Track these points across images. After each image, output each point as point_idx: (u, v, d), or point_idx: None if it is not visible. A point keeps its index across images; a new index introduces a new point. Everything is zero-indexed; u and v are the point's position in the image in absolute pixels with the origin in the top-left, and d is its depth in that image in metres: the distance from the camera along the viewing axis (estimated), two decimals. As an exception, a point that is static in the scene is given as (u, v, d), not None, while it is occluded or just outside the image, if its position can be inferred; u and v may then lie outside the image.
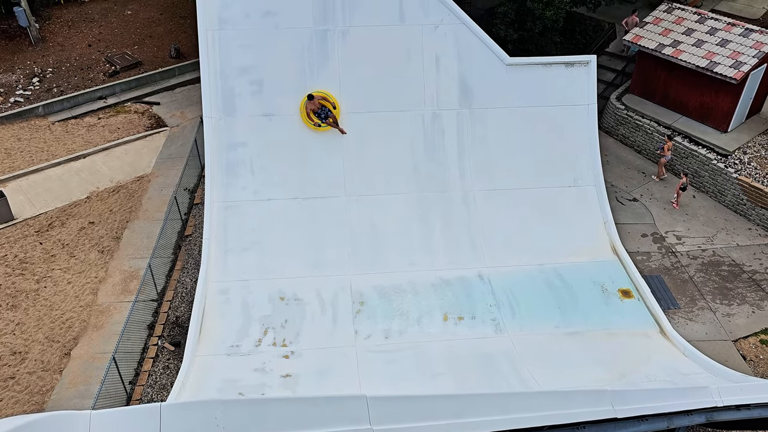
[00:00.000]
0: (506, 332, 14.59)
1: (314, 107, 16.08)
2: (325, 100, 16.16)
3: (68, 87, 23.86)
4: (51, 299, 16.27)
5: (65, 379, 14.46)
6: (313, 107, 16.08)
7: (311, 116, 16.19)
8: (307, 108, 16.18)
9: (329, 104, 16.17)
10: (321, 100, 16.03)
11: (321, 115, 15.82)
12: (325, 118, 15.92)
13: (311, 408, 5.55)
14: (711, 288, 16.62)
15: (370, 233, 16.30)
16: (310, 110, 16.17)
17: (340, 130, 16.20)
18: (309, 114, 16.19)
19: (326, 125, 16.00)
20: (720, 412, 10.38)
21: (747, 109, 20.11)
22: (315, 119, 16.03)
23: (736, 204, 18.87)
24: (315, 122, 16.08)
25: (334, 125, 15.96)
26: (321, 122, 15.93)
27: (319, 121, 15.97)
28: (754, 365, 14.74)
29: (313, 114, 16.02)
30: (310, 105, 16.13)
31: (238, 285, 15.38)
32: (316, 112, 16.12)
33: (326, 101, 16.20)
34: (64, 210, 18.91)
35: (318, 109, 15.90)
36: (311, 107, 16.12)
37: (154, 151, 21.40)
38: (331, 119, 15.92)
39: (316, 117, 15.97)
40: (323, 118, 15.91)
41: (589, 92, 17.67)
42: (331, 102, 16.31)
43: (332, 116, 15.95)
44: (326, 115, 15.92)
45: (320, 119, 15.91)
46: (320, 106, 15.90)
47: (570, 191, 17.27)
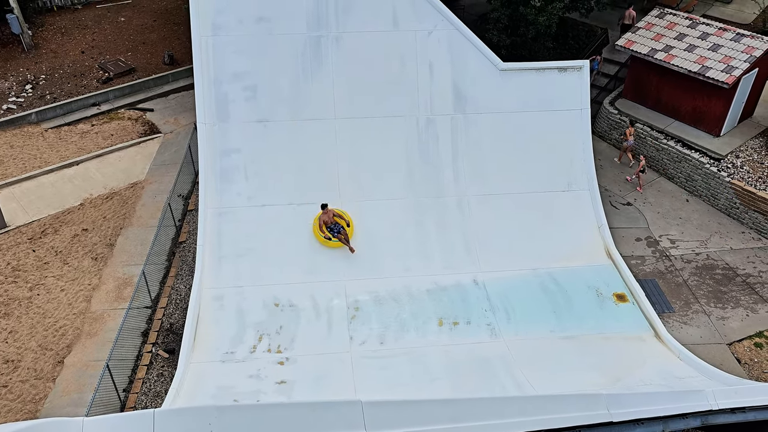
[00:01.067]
0: (501, 337, 14.58)
1: (327, 219, 15.55)
2: (339, 217, 15.75)
3: (61, 94, 23.80)
4: (44, 307, 16.17)
5: (58, 387, 14.34)
6: (327, 219, 15.55)
7: (323, 228, 15.64)
8: (320, 219, 15.67)
9: (343, 222, 15.75)
10: (336, 217, 15.59)
11: (333, 230, 15.34)
12: (337, 233, 15.50)
13: (306, 413, 5.52)
14: (705, 291, 16.66)
15: (364, 238, 16.28)
16: (323, 222, 15.63)
17: (350, 249, 15.68)
18: (321, 226, 15.65)
19: (336, 240, 15.56)
20: (715, 416, 10.40)
21: (739, 113, 20.23)
22: (326, 232, 15.53)
23: (729, 208, 18.95)
24: (325, 235, 15.57)
25: (345, 242, 15.58)
26: (332, 237, 15.52)
27: (330, 235, 15.54)
28: (748, 368, 14.77)
29: (326, 227, 15.54)
30: (324, 216, 15.62)
31: (233, 291, 15.33)
32: (329, 226, 15.58)
33: (341, 219, 15.78)
34: (57, 217, 18.82)
35: (331, 224, 15.46)
36: (324, 219, 15.59)
37: (147, 157, 21.35)
38: (343, 236, 15.51)
39: (328, 231, 15.49)
40: (334, 233, 15.50)
41: (583, 97, 17.75)
42: (346, 220, 15.87)
43: (344, 233, 15.55)
44: (338, 231, 15.52)
45: (331, 233, 15.46)
46: (334, 222, 15.45)
47: (564, 196, 17.32)
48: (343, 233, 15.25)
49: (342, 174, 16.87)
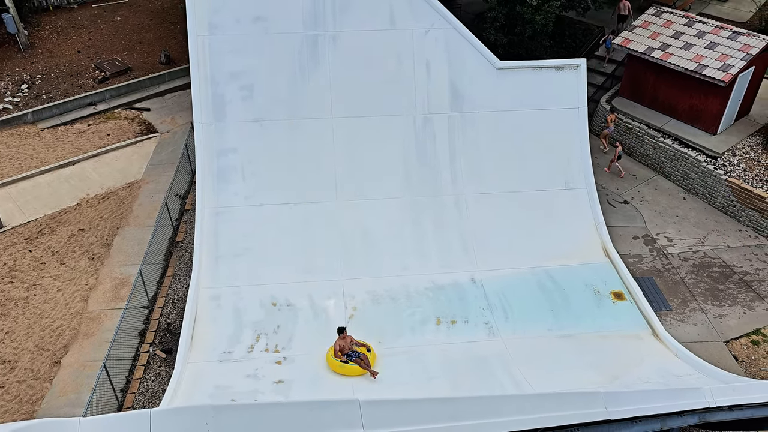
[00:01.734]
0: (499, 335, 14.59)
1: (345, 345, 13.53)
2: (361, 346, 13.78)
3: (57, 93, 23.74)
4: (41, 307, 16.13)
5: (55, 388, 14.31)
6: (343, 344, 13.53)
7: (338, 355, 13.54)
8: (336, 345, 13.59)
9: (363, 349, 13.70)
10: (355, 346, 13.60)
11: (351, 356, 13.35)
12: (356, 357, 13.43)
13: (303, 412, 5.51)
14: (702, 289, 16.68)
15: (362, 238, 16.27)
16: (339, 347, 13.55)
17: (372, 374, 13.37)
18: (336, 352, 13.55)
19: (353, 364, 13.38)
20: (713, 413, 10.41)
21: (736, 111, 20.25)
22: (342, 357, 13.47)
23: (726, 206, 18.98)
24: (341, 359, 13.46)
25: (365, 367, 13.39)
26: (348, 361, 13.42)
27: (346, 360, 13.44)
28: (745, 366, 14.79)
29: (338, 352, 13.52)
30: (339, 342, 13.59)
31: (230, 291, 15.31)
32: (348, 353, 13.53)
33: (361, 347, 13.78)
34: (53, 217, 18.77)
35: (349, 351, 13.47)
36: (341, 344, 13.55)
37: (144, 157, 21.30)
38: (363, 361, 13.41)
39: (345, 356, 13.46)
40: (352, 358, 13.43)
41: (579, 95, 17.76)
42: (366, 347, 13.86)
43: (364, 358, 13.44)
44: (357, 356, 13.45)
45: (349, 358, 13.41)
46: (352, 350, 13.46)
47: (561, 194, 17.32)
48: (363, 358, 13.41)
49: (339, 173, 16.86)
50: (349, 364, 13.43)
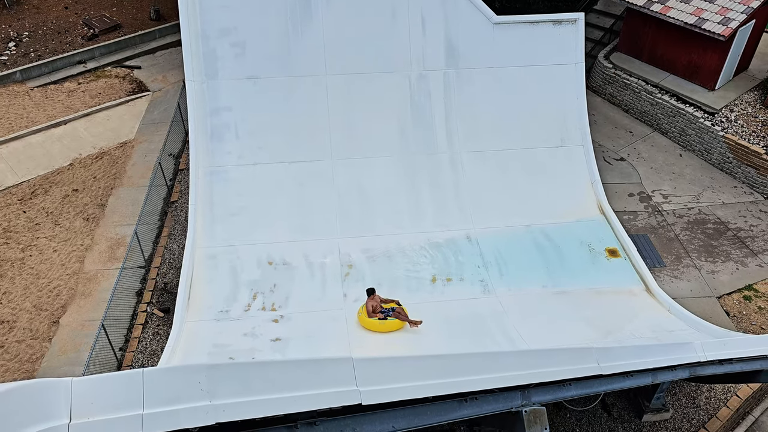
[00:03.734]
0: (494, 292, 14.69)
1: (376, 305, 13.55)
2: (390, 302, 13.77)
3: (46, 51, 23.28)
4: (37, 268, 16.16)
5: (55, 347, 14.45)
6: (375, 305, 13.55)
7: (372, 314, 13.53)
8: (368, 306, 13.58)
9: (393, 304, 13.70)
10: (384, 304, 13.61)
11: (387, 313, 13.38)
12: (392, 311, 13.47)
13: (297, 370, 5.57)
14: (696, 246, 16.77)
15: (357, 197, 16.22)
16: (371, 307, 13.55)
17: (414, 323, 13.39)
18: (370, 312, 13.54)
19: (392, 319, 13.36)
20: (703, 367, 10.59)
21: (734, 66, 20.01)
22: (378, 315, 13.46)
23: (722, 162, 18.93)
24: (379, 317, 13.44)
25: (405, 318, 13.41)
26: (387, 316, 13.41)
27: (384, 316, 13.43)
28: (737, 320, 14.99)
29: (373, 311, 13.52)
30: (370, 302, 13.60)
31: (226, 250, 15.32)
32: (382, 310, 13.55)
33: (390, 303, 13.75)
34: (46, 178, 18.64)
35: (379, 307, 13.53)
36: (372, 304, 13.56)
37: (136, 116, 21.04)
38: (397, 312, 13.47)
39: (381, 313, 13.47)
40: (388, 315, 13.45)
41: (577, 51, 17.48)
42: (395, 301, 13.83)
43: (398, 310, 13.49)
44: (392, 310, 13.49)
45: (380, 315, 13.42)
46: (381, 307, 13.51)
47: (557, 152, 17.22)
48: (399, 311, 13.46)
49: (333, 131, 16.69)
50: (389, 319, 13.39)
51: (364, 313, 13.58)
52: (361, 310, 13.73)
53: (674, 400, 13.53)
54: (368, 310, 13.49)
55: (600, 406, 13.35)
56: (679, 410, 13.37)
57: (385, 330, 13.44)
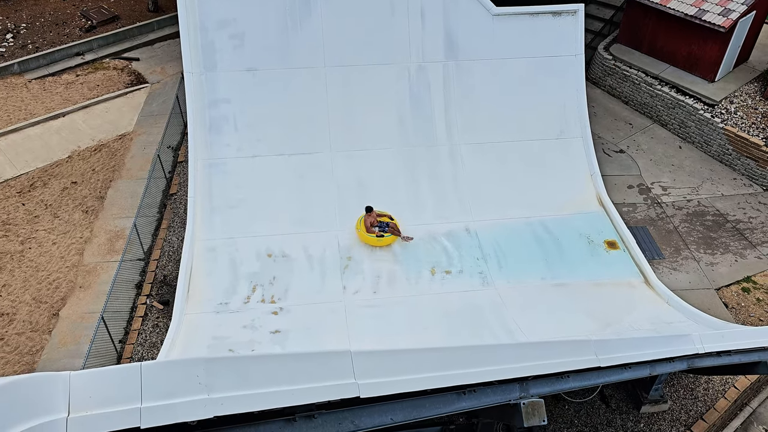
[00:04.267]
0: (493, 285, 14.71)
1: (372, 221, 14.84)
2: (381, 216, 15.09)
3: (44, 43, 23.19)
4: (36, 260, 16.17)
5: (55, 339, 14.48)
6: (372, 220, 14.83)
7: (371, 230, 14.91)
8: (366, 222, 14.86)
9: (386, 218, 15.03)
10: (379, 217, 14.93)
11: (383, 228, 14.73)
12: (386, 226, 14.84)
13: (295, 364, 5.58)
14: (695, 238, 16.78)
15: (356, 189, 16.21)
16: (369, 224, 14.86)
17: (406, 238, 14.94)
18: (368, 228, 14.90)
19: (388, 235, 14.83)
20: (701, 359, 10.61)
21: (735, 57, 19.95)
22: (375, 231, 14.82)
23: (721, 154, 18.91)
24: (377, 234, 14.81)
25: (397, 233, 14.92)
26: (383, 233, 14.79)
27: (381, 233, 14.82)
28: (735, 312, 15.02)
29: (372, 227, 14.83)
30: (369, 219, 14.85)
31: (225, 243, 15.32)
32: (377, 225, 14.88)
33: (383, 217, 15.09)
34: (45, 170, 18.62)
35: (376, 222, 14.84)
36: (370, 220, 14.84)
37: (135, 108, 20.99)
38: (393, 228, 14.88)
39: (378, 229, 14.78)
40: (385, 229, 14.83)
41: (577, 42, 17.42)
42: (387, 215, 15.25)
43: (392, 225, 14.90)
44: (387, 225, 14.84)
45: (382, 231, 14.80)
46: (378, 222, 14.80)
47: (557, 143, 17.20)
48: (392, 225, 14.74)
49: (332, 123, 16.66)
50: (385, 235, 14.77)
51: (363, 229, 14.77)
52: (360, 225, 14.94)
53: (672, 392, 13.58)
54: (366, 226, 14.66)
55: (598, 397, 13.40)
56: (677, 402, 13.42)
57: (382, 244, 14.93)
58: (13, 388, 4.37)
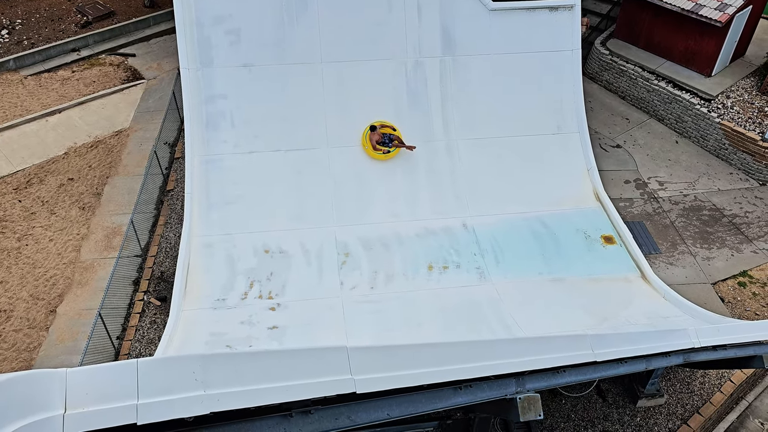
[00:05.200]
0: (490, 280, 14.73)
1: (378, 138, 15.42)
2: (384, 127, 15.48)
3: (39, 39, 23.11)
4: (33, 257, 16.16)
5: (52, 336, 14.49)
6: (377, 138, 15.41)
7: (378, 147, 15.61)
8: (372, 141, 15.51)
9: (389, 129, 15.45)
10: (381, 129, 15.34)
11: (386, 143, 15.14)
12: (390, 142, 15.30)
13: (291, 360, 5.60)
14: (692, 232, 16.82)
15: (353, 184, 16.20)
16: (375, 142, 15.49)
17: (409, 147, 15.48)
18: (375, 146, 15.59)
19: (393, 148, 15.35)
20: (697, 353, 10.67)
21: (731, 52, 19.96)
22: (382, 148, 15.39)
23: (718, 149, 18.93)
24: (383, 150, 15.41)
25: (401, 145, 15.45)
26: (389, 149, 15.29)
27: (387, 149, 15.35)
28: (731, 306, 15.07)
29: (379, 144, 15.38)
30: (374, 137, 15.43)
31: (223, 239, 15.32)
32: (381, 141, 15.46)
33: (386, 128, 15.51)
34: (41, 167, 18.59)
35: (381, 139, 15.33)
36: (376, 138, 15.43)
37: (131, 104, 20.95)
38: (396, 141, 15.33)
39: (383, 146, 15.35)
40: (389, 144, 15.27)
41: (573, 37, 17.39)
42: (390, 126, 15.73)
43: (396, 137, 15.35)
44: (390, 139, 15.25)
45: (387, 146, 15.24)
46: (382, 135, 15.26)
47: (554, 139, 17.20)
48: (395, 138, 15.13)
49: (329, 119, 16.63)
50: (392, 150, 15.47)
51: (370, 146, 15.44)
52: (366, 142, 15.65)
53: (669, 386, 13.64)
54: (373, 144, 15.30)
55: (595, 392, 13.45)
56: (673, 396, 13.48)
57: (390, 157, 15.67)
58: (9, 385, 4.38)
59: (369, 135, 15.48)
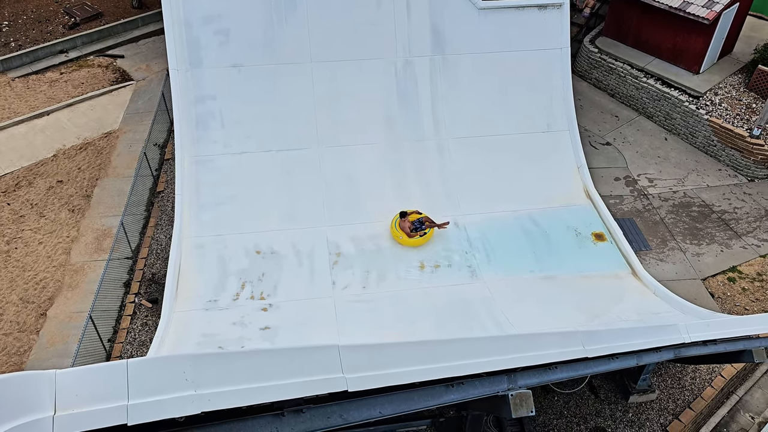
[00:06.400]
0: (482, 278, 14.77)
1: (409, 225, 14.89)
2: (410, 214, 15.12)
3: (26, 41, 22.95)
4: (23, 260, 16.04)
5: (43, 339, 14.39)
6: (409, 225, 14.89)
7: (412, 234, 14.91)
8: (405, 229, 14.86)
9: (416, 215, 15.03)
10: (410, 216, 14.94)
11: (418, 228, 14.76)
12: (422, 225, 14.89)
13: (282, 359, 5.59)
14: (681, 229, 16.92)
15: (344, 184, 16.20)
16: (409, 230, 14.89)
17: (441, 226, 15.07)
18: (410, 234, 14.89)
19: (428, 229, 14.94)
20: (687, 348, 10.73)
21: (719, 49, 20.09)
22: (416, 234, 14.88)
23: (706, 145, 19.06)
24: (420, 234, 14.89)
25: (433, 224, 14.99)
26: (424, 231, 14.88)
27: (423, 232, 14.89)
28: (721, 302, 15.18)
29: (411, 230, 14.87)
30: (405, 224, 14.90)
31: (214, 240, 15.27)
32: (414, 228, 14.88)
33: (412, 214, 15.13)
34: (30, 169, 18.46)
35: (413, 225, 14.87)
36: (408, 226, 14.88)
37: (120, 106, 20.84)
38: (428, 222, 14.91)
39: (415, 231, 14.85)
40: (422, 227, 14.89)
41: (563, 35, 17.47)
42: (415, 211, 15.32)
43: (425, 219, 14.91)
44: (421, 223, 14.87)
45: (422, 230, 14.87)
46: (412, 222, 14.80)
47: (544, 137, 17.26)
48: (426, 220, 14.77)
49: (319, 119, 16.63)
50: (427, 231, 14.99)
51: (404, 236, 14.91)
52: (398, 232, 15.01)
53: (660, 381, 13.71)
54: (407, 232, 14.88)
55: (587, 388, 13.51)
56: (664, 391, 13.56)
57: (427, 240, 15.10)
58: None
59: (399, 223, 15.02)
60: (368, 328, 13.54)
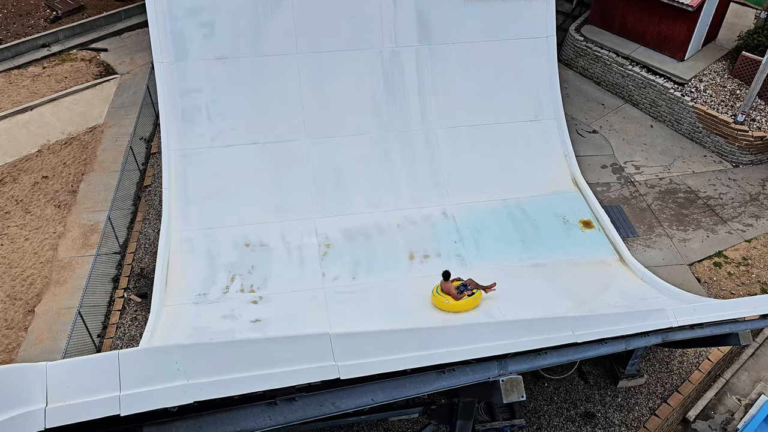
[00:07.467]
0: (471, 267, 14.82)
1: (451, 287, 13.56)
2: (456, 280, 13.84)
3: (7, 35, 22.64)
4: (9, 257, 15.89)
5: (31, 336, 14.29)
6: (451, 287, 13.55)
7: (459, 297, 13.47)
8: (451, 291, 13.46)
9: (458, 282, 13.88)
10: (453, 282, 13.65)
11: (463, 290, 13.52)
12: (466, 288, 13.60)
13: (275, 348, 5.60)
14: (668, 215, 17.07)
15: (332, 176, 16.18)
16: (454, 291, 13.50)
17: (487, 289, 13.63)
18: (457, 297, 13.45)
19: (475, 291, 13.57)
20: (675, 332, 10.85)
21: (703, 36, 20.22)
22: (463, 296, 13.49)
23: (692, 132, 19.21)
24: (467, 295, 13.51)
25: (479, 286, 13.64)
26: (472, 291, 13.54)
27: (470, 292, 13.53)
28: (707, 287, 15.35)
29: (456, 293, 13.51)
30: (449, 288, 13.50)
31: (202, 233, 15.21)
32: (461, 290, 13.56)
33: (457, 281, 13.83)
34: (14, 165, 18.27)
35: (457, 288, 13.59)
36: (452, 289, 13.53)
37: (105, 100, 20.64)
38: (472, 284, 13.65)
39: (461, 294, 13.51)
40: (467, 290, 13.57)
41: (548, 24, 17.51)
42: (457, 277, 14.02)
43: (470, 281, 13.67)
44: (465, 286, 13.62)
45: (467, 292, 13.53)
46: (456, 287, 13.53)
47: (531, 125, 17.32)
48: (468, 283, 13.67)
49: (306, 110, 16.56)
50: (475, 291, 13.47)
51: (452, 300, 13.38)
52: (443, 296, 13.45)
53: (648, 366, 13.87)
54: (453, 296, 13.37)
55: (577, 374, 13.63)
56: (653, 375, 13.72)
57: (476, 303, 13.46)
58: (-13, 381, 4.33)
59: (442, 286, 13.62)
60: (358, 318, 13.56)
